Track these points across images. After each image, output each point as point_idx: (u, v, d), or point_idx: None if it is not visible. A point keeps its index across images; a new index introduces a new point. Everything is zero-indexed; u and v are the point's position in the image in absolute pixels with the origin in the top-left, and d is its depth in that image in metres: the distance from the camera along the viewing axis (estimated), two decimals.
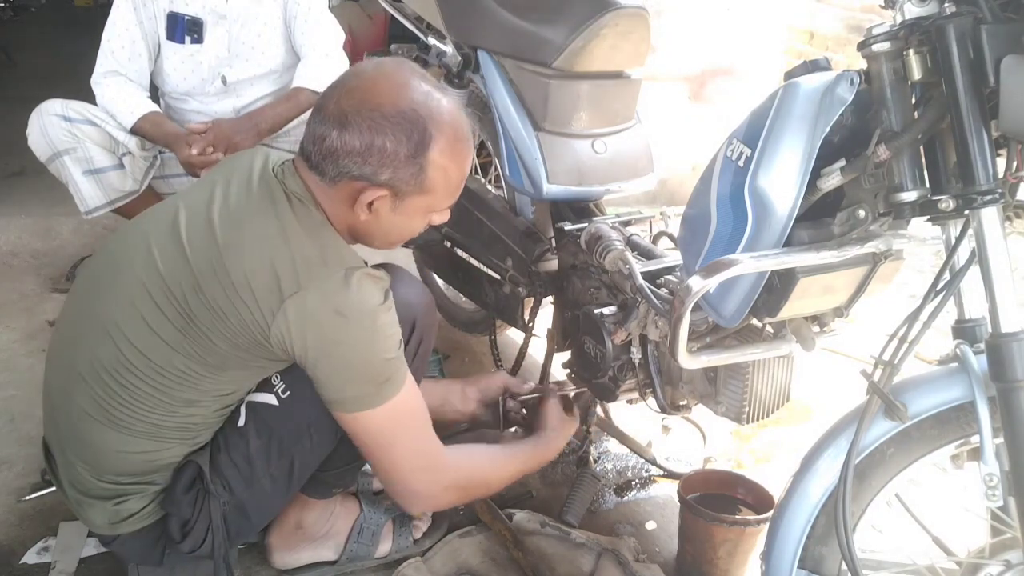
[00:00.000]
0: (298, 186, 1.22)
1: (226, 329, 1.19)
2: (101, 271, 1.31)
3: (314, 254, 1.18)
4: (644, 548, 1.71)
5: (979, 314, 1.13)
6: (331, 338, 1.17)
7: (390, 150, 1.16)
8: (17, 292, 2.65)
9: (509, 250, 1.97)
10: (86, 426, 1.26)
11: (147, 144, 2.32)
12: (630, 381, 1.65)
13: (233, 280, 1.16)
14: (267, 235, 1.18)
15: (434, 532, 1.70)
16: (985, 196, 1.04)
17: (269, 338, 1.18)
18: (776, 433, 2.13)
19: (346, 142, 1.16)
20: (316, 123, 1.19)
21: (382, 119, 1.15)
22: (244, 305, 1.17)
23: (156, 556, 1.38)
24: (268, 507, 1.42)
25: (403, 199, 1.22)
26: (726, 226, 1.27)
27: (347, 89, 1.18)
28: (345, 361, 1.19)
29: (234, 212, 1.21)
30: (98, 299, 1.27)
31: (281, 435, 1.32)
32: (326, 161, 1.18)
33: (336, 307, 1.16)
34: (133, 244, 1.27)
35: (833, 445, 1.19)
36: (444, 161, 1.20)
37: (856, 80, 1.14)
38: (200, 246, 1.19)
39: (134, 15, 2.24)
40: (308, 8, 2.34)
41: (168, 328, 1.20)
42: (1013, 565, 1.16)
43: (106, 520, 1.31)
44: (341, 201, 1.22)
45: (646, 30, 1.76)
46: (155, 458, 1.29)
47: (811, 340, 1.39)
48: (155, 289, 1.20)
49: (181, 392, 1.24)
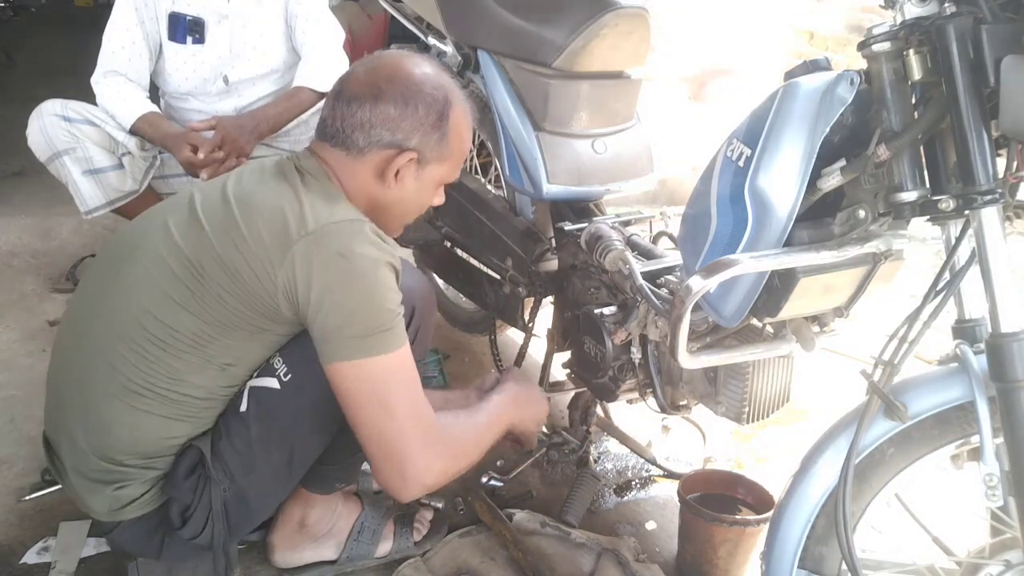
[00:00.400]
0: (313, 166, 1.30)
1: (237, 285, 1.23)
2: (118, 253, 1.35)
3: (324, 207, 1.24)
4: (644, 548, 1.71)
5: (979, 314, 1.13)
6: (333, 277, 1.20)
7: (421, 114, 1.28)
8: (17, 292, 2.65)
9: (509, 250, 1.97)
10: (99, 402, 1.28)
11: (147, 144, 2.32)
12: (630, 381, 1.65)
13: (246, 234, 1.22)
14: (278, 193, 1.26)
15: (434, 533, 1.70)
16: (985, 196, 1.04)
17: (276, 285, 1.21)
18: (776, 433, 2.13)
19: (381, 111, 1.26)
20: (341, 104, 1.28)
21: (414, 86, 1.28)
22: (254, 256, 1.22)
23: (155, 546, 1.38)
24: (268, 496, 1.43)
25: (425, 166, 1.33)
26: (726, 226, 1.27)
27: (372, 68, 1.30)
28: (345, 301, 1.20)
29: (248, 185, 1.29)
30: (115, 276, 1.30)
31: (283, 420, 1.33)
32: (356, 134, 1.27)
33: (340, 250, 1.20)
34: (150, 225, 1.33)
35: (833, 445, 1.19)
36: (459, 129, 1.33)
37: (856, 80, 1.14)
38: (216, 217, 1.26)
39: (135, 15, 2.24)
40: (309, 8, 2.34)
41: (180, 288, 1.24)
42: (1013, 565, 1.16)
43: (106, 507, 1.32)
44: (366, 173, 1.30)
45: (646, 30, 1.76)
46: (162, 435, 1.30)
47: (811, 340, 1.39)
48: (171, 256, 1.26)
49: (189, 356, 1.26)
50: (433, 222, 2.27)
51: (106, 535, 1.40)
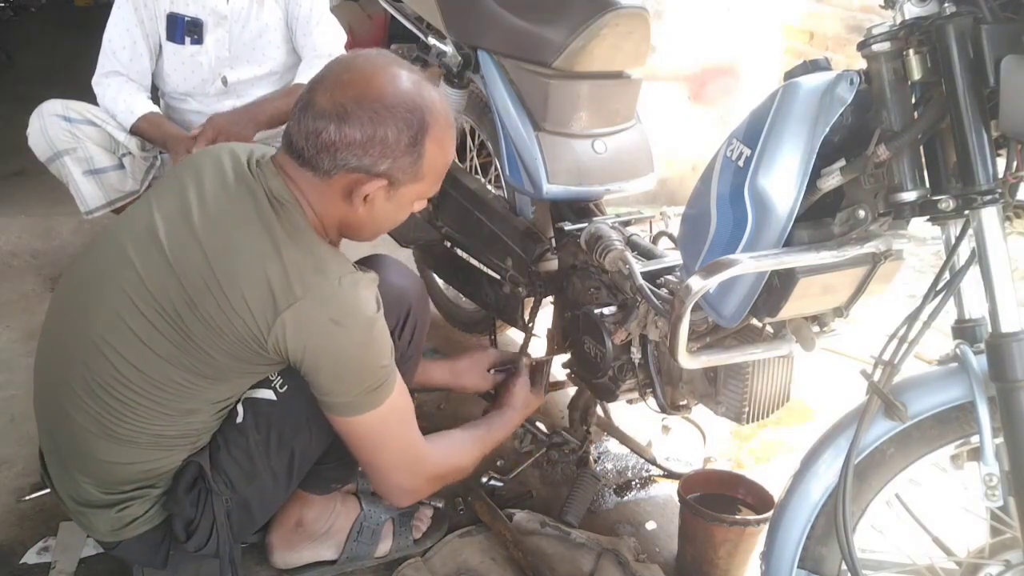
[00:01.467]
0: (281, 188, 1.21)
1: (223, 342, 1.19)
2: (82, 286, 1.28)
3: (307, 264, 1.18)
4: (644, 548, 1.71)
5: (979, 314, 1.13)
6: (328, 346, 1.18)
7: (391, 140, 1.17)
8: (17, 292, 2.65)
9: (509, 250, 1.97)
10: (87, 442, 1.26)
11: (147, 145, 2.32)
12: (630, 381, 1.65)
13: (228, 295, 1.16)
14: (257, 248, 1.17)
15: (434, 532, 1.70)
16: (985, 196, 1.05)
17: (266, 348, 1.19)
18: (776, 433, 2.13)
19: (346, 135, 1.15)
20: (309, 119, 1.17)
21: (384, 110, 1.16)
22: (240, 319, 1.17)
23: (160, 559, 1.38)
24: (270, 501, 1.43)
25: (398, 188, 1.23)
26: (726, 226, 1.27)
27: (341, 83, 1.17)
28: (341, 368, 1.21)
29: (217, 221, 1.20)
30: (83, 315, 1.25)
31: (280, 428, 1.33)
32: (321, 155, 1.17)
33: (332, 316, 1.17)
34: (112, 257, 1.25)
35: (833, 445, 1.19)
36: (437, 149, 1.22)
37: (856, 80, 1.14)
38: (187, 260, 1.18)
39: (135, 15, 2.24)
40: (309, 9, 2.34)
41: (163, 343, 1.20)
42: (1013, 565, 1.16)
43: (109, 527, 1.31)
44: (335, 195, 1.22)
45: (646, 30, 1.76)
46: (158, 465, 1.29)
47: (811, 340, 1.39)
48: (143, 304, 1.19)
49: (181, 403, 1.25)
50: (433, 222, 2.27)
51: (109, 551, 1.40)
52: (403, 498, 1.43)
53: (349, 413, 1.25)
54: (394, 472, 1.36)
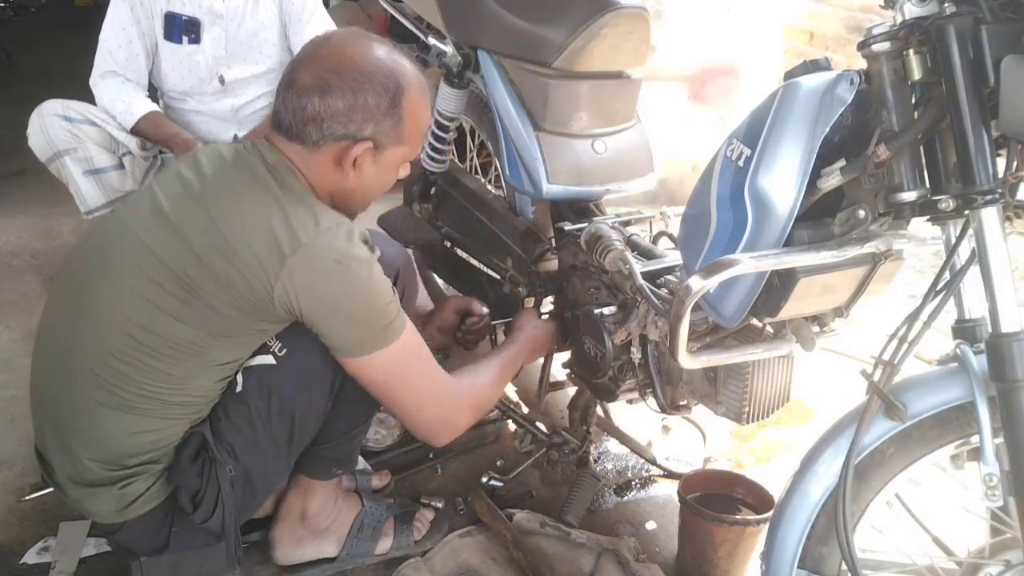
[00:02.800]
0: (276, 158, 1.29)
1: (231, 297, 1.23)
2: (86, 268, 1.32)
3: (307, 215, 1.24)
4: (644, 548, 1.71)
5: (979, 314, 1.14)
6: (335, 287, 1.24)
7: (372, 104, 1.25)
8: (17, 292, 2.65)
9: (509, 250, 1.97)
10: (90, 413, 1.27)
11: (147, 144, 2.32)
12: (630, 381, 1.65)
13: (236, 249, 1.21)
14: (260, 204, 1.24)
15: (434, 533, 1.70)
16: (985, 196, 1.04)
17: (273, 298, 1.23)
18: (776, 433, 2.13)
19: (330, 105, 1.24)
20: (292, 95, 1.25)
21: (362, 77, 1.24)
22: (250, 270, 1.21)
23: (161, 539, 1.38)
24: (272, 473, 1.44)
25: (383, 151, 1.31)
26: (726, 226, 1.27)
27: (318, 57, 1.26)
28: (351, 306, 1.26)
29: (221, 187, 1.27)
30: (90, 295, 1.28)
31: (280, 392, 1.35)
32: (309, 128, 1.25)
33: (335, 257, 1.23)
34: (117, 234, 1.30)
35: (833, 445, 1.19)
36: (415, 110, 1.31)
37: (856, 80, 1.14)
38: (193, 225, 1.24)
39: (131, 15, 2.24)
40: (303, 7, 2.35)
41: (171, 301, 1.24)
42: (1013, 565, 1.16)
43: (113, 507, 1.31)
44: (325, 164, 1.29)
45: (646, 30, 1.76)
46: (160, 436, 1.31)
47: (811, 340, 1.39)
48: (153, 271, 1.24)
49: (186, 361, 1.27)
50: (433, 222, 2.27)
51: (110, 536, 1.40)
52: (441, 432, 1.45)
53: (366, 351, 1.29)
54: (426, 407, 1.40)
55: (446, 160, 2.20)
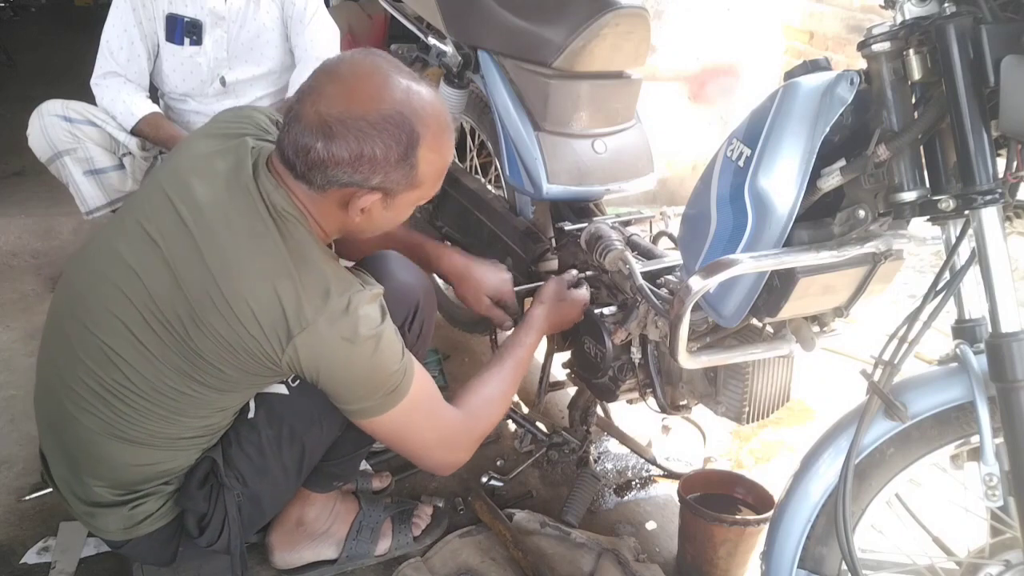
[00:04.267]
0: (283, 200, 1.18)
1: (234, 359, 1.19)
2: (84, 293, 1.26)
3: (316, 284, 1.16)
4: (644, 548, 1.71)
5: (979, 314, 1.13)
6: (341, 363, 1.19)
7: (380, 156, 1.13)
8: (17, 292, 2.65)
9: (509, 250, 1.97)
10: (98, 445, 1.26)
11: (148, 145, 2.32)
12: (630, 381, 1.65)
13: (236, 313, 1.15)
14: (266, 267, 1.15)
15: (433, 529, 1.70)
16: (985, 196, 1.04)
17: (280, 365, 1.19)
18: (776, 433, 2.13)
19: (333, 153, 1.11)
20: (297, 132, 1.13)
21: (368, 127, 1.11)
22: (252, 338, 1.16)
23: (169, 555, 1.38)
24: (280, 495, 1.44)
25: (395, 197, 1.20)
26: (726, 226, 1.27)
27: (326, 96, 1.12)
28: (356, 381, 1.23)
29: (219, 234, 1.17)
30: (88, 324, 1.23)
31: (292, 423, 1.34)
32: (313, 172, 1.14)
33: (343, 335, 1.17)
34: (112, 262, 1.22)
35: (833, 445, 1.19)
36: (432, 156, 1.18)
37: (856, 80, 1.14)
38: (191, 273, 1.16)
39: (133, 16, 2.24)
40: (303, 9, 2.35)
41: (174, 359, 1.20)
42: (1013, 565, 1.16)
43: (121, 526, 1.31)
44: (331, 206, 1.20)
45: (646, 30, 1.76)
46: (174, 465, 1.30)
47: (811, 340, 1.39)
48: (151, 317, 1.19)
49: (195, 410, 1.26)
50: (433, 222, 2.27)
51: (117, 550, 1.39)
52: (448, 469, 1.43)
53: (372, 415, 1.27)
54: (433, 452, 1.38)
55: None
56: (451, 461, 1.41)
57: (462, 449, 1.41)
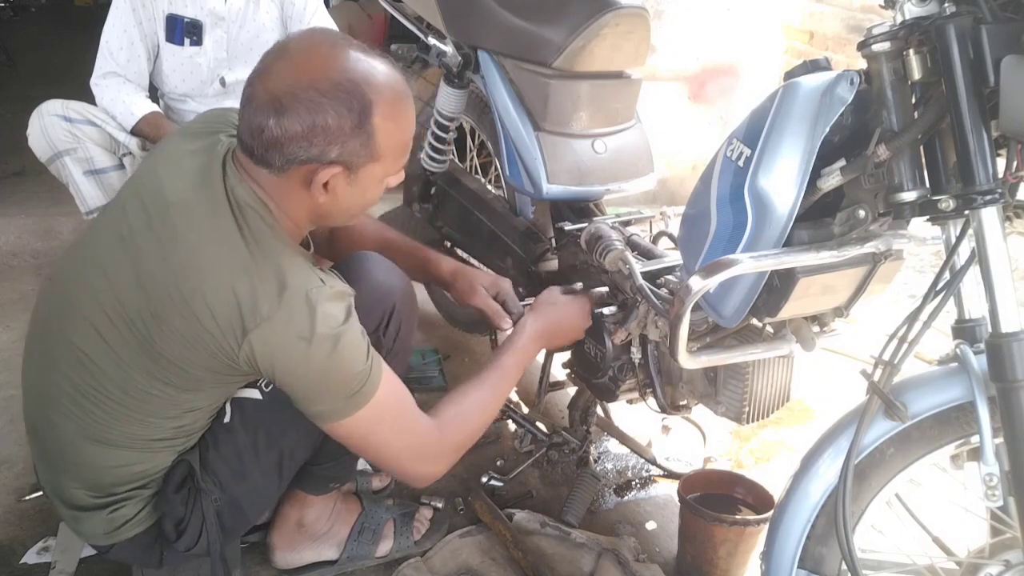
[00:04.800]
0: (245, 192, 1.17)
1: (195, 358, 1.17)
2: (60, 293, 1.27)
3: (273, 279, 1.13)
4: (644, 548, 1.71)
5: (979, 314, 1.13)
6: (298, 363, 1.15)
7: (334, 126, 1.10)
8: (17, 292, 2.65)
9: (509, 250, 1.97)
10: (73, 446, 1.26)
11: (148, 144, 2.32)
12: (630, 381, 1.65)
13: (194, 309, 1.13)
14: (224, 264, 1.14)
15: (434, 532, 1.70)
16: (985, 196, 1.04)
17: (238, 362, 1.17)
18: (776, 433, 2.13)
19: (286, 128, 1.09)
20: (250, 113, 1.11)
21: (319, 96, 1.08)
22: (209, 334, 1.14)
23: (155, 559, 1.38)
24: (261, 500, 1.42)
25: (357, 171, 1.16)
26: (726, 226, 1.27)
27: (274, 72, 1.10)
28: (313, 382, 1.18)
29: (181, 231, 1.16)
30: (61, 323, 1.24)
31: (267, 428, 1.33)
32: (270, 152, 1.12)
33: (299, 333, 1.13)
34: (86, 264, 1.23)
35: (833, 445, 1.19)
36: (389, 124, 1.15)
37: (856, 80, 1.14)
38: (153, 272, 1.16)
39: (133, 16, 2.24)
40: (303, 9, 2.35)
41: (139, 359, 1.19)
42: (1013, 565, 1.16)
43: (102, 530, 1.31)
44: (295, 188, 1.17)
45: (646, 30, 1.76)
46: (148, 466, 1.29)
47: (811, 340, 1.39)
48: (115, 316, 1.18)
49: (165, 411, 1.24)
50: (433, 222, 2.27)
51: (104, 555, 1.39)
52: (420, 481, 1.36)
53: (334, 419, 1.22)
54: (401, 463, 1.32)
55: (446, 160, 2.20)
56: (421, 472, 1.34)
57: (433, 461, 1.34)
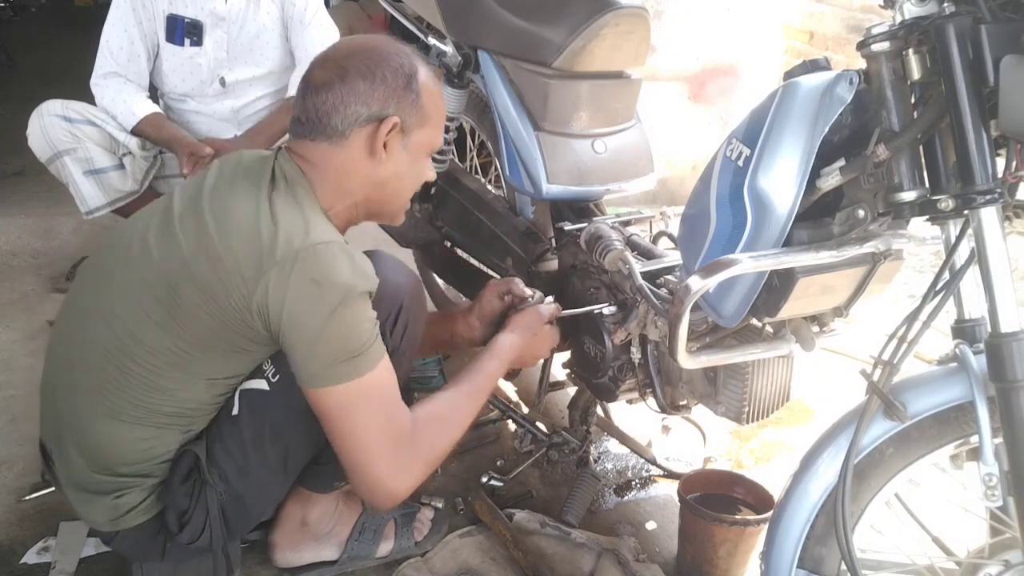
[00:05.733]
0: (293, 168, 1.28)
1: (212, 305, 1.21)
2: (101, 265, 1.34)
3: (299, 227, 1.21)
4: (644, 548, 1.71)
5: (979, 314, 1.13)
6: (306, 306, 1.18)
7: (390, 80, 1.27)
8: (17, 292, 2.65)
9: (509, 250, 1.97)
10: (86, 416, 1.28)
11: (148, 144, 2.32)
12: (630, 381, 1.65)
13: (222, 254, 1.20)
14: (255, 208, 1.22)
15: (434, 532, 1.70)
16: (984, 196, 1.04)
17: (251, 307, 1.19)
18: (776, 433, 2.13)
19: (351, 88, 1.25)
20: (311, 95, 1.27)
21: (376, 56, 1.28)
22: (229, 277, 1.19)
23: (157, 550, 1.38)
24: (266, 497, 1.43)
25: (409, 134, 1.31)
26: (725, 226, 1.27)
27: (328, 56, 1.30)
28: (313, 332, 1.19)
29: (225, 191, 1.27)
30: (98, 292, 1.30)
31: (274, 420, 1.33)
32: (333, 119, 1.26)
33: (313, 276, 1.18)
34: (131, 236, 1.31)
35: (833, 445, 1.19)
36: (431, 88, 1.33)
37: (856, 80, 1.14)
38: (192, 233, 1.23)
39: (133, 16, 2.24)
40: (303, 10, 2.35)
41: (158, 309, 1.23)
42: (1013, 565, 1.16)
43: (107, 516, 1.31)
44: (357, 155, 1.28)
45: (646, 30, 1.76)
46: (152, 446, 1.30)
47: (811, 340, 1.39)
48: (152, 277, 1.24)
49: (172, 373, 1.26)
50: (433, 222, 2.27)
51: (108, 544, 1.40)
52: (382, 499, 1.28)
53: (324, 383, 1.21)
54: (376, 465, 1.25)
55: (446, 160, 2.20)
56: (390, 475, 1.25)
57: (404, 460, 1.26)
